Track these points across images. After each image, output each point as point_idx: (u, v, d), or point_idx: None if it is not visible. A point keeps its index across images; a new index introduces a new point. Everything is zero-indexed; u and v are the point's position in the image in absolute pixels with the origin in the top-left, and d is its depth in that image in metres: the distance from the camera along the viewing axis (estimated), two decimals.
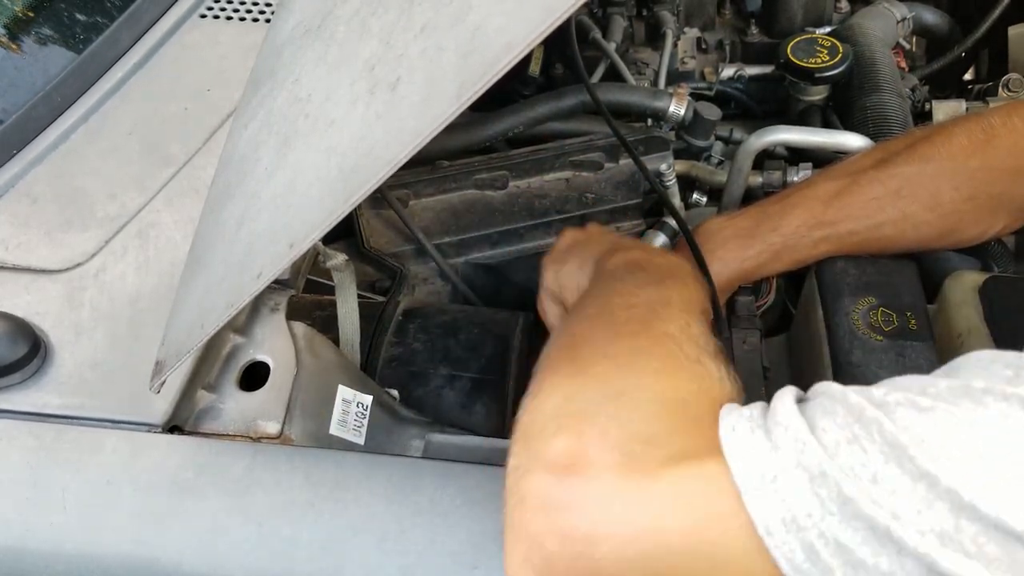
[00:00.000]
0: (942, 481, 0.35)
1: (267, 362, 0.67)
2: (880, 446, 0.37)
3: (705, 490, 0.40)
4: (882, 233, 0.74)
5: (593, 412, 0.45)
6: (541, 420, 0.46)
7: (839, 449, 0.38)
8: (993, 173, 0.72)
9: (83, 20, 1.01)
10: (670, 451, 0.42)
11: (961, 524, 0.35)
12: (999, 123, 0.72)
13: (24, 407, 0.65)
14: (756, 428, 0.41)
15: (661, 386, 0.47)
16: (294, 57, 0.67)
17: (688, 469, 0.41)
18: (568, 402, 0.46)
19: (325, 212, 0.48)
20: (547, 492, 0.42)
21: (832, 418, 0.39)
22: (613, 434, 0.43)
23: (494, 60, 0.41)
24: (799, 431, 0.39)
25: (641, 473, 0.41)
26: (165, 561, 0.58)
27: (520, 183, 0.96)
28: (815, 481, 0.37)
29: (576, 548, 0.41)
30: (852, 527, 0.36)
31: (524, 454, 0.45)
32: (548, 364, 0.53)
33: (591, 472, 0.41)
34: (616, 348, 0.51)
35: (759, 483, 0.39)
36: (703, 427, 0.43)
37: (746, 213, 0.80)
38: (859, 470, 0.37)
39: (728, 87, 1.20)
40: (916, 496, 0.35)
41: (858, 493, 0.36)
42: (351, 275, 0.71)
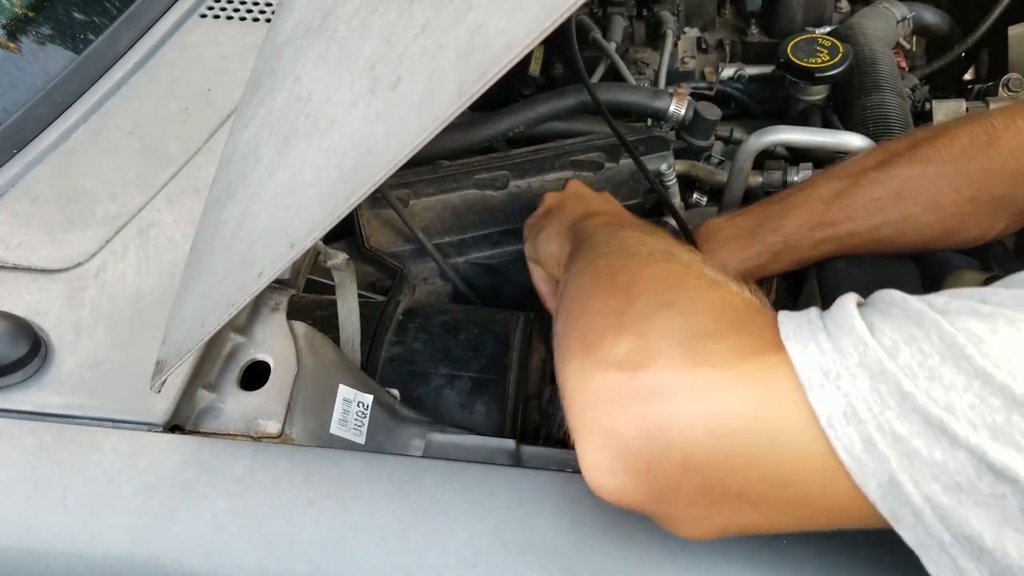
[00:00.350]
0: (996, 378, 0.37)
1: (268, 361, 0.67)
2: (938, 347, 0.39)
3: (770, 381, 0.42)
4: (883, 234, 0.74)
5: (651, 317, 0.46)
6: (599, 328, 0.47)
7: (898, 349, 0.39)
8: (995, 175, 0.72)
9: (83, 20, 1.01)
10: (732, 345, 0.44)
11: (1013, 419, 0.36)
12: (1001, 125, 0.72)
13: (25, 406, 0.65)
14: (817, 331, 0.42)
15: (710, 296, 0.48)
16: (294, 56, 0.67)
17: (752, 362, 0.43)
18: (622, 314, 0.48)
19: (326, 211, 0.48)
20: (621, 386, 0.44)
21: (891, 321, 0.41)
22: (675, 333, 0.45)
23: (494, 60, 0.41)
24: (861, 333, 0.41)
25: (707, 365, 0.43)
26: (165, 560, 0.58)
27: (520, 183, 0.96)
28: (875, 378, 0.39)
29: (651, 431, 0.43)
30: (909, 420, 0.38)
31: (585, 357, 0.47)
32: (580, 294, 0.53)
33: (658, 366, 0.44)
34: (653, 270, 0.52)
35: (822, 379, 0.40)
36: (759, 327, 0.45)
37: (747, 213, 0.80)
38: (916, 368, 0.39)
39: (728, 87, 1.21)
40: (971, 392, 0.37)
41: (915, 389, 0.38)
42: (352, 275, 0.71)
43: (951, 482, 0.37)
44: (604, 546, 0.55)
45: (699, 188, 1.05)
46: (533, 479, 0.59)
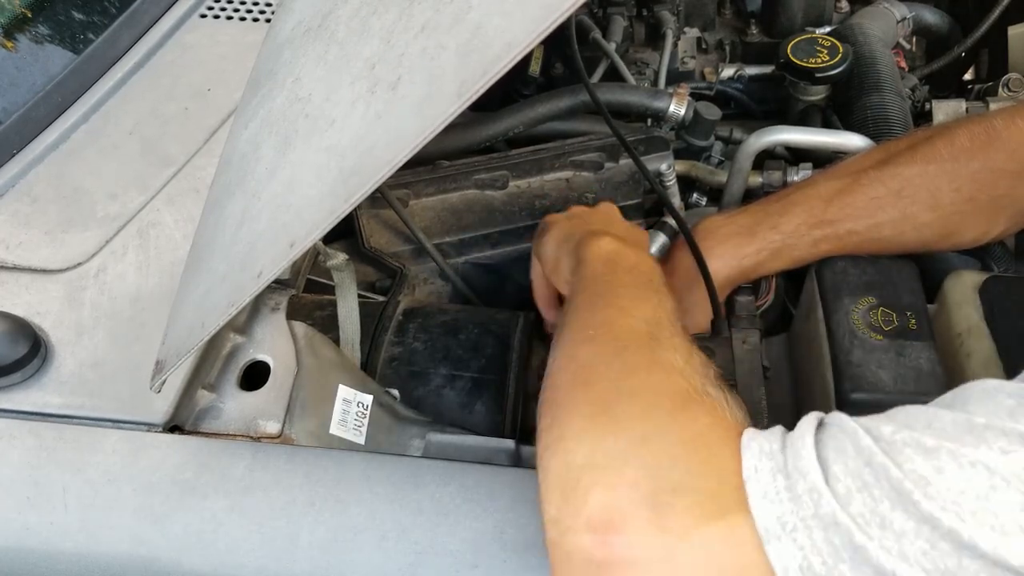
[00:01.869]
0: (944, 522, 0.37)
1: (267, 362, 0.67)
2: (887, 492, 0.39)
3: (732, 543, 0.43)
4: (882, 233, 0.74)
5: (621, 462, 0.48)
6: (574, 472, 0.49)
7: (851, 497, 0.40)
8: (994, 175, 0.72)
9: (83, 20, 1.01)
10: (696, 499, 0.45)
11: (963, 563, 0.37)
12: (1001, 125, 0.72)
13: (25, 407, 0.65)
14: (777, 472, 0.43)
15: (678, 425, 0.49)
16: (294, 57, 0.67)
17: (715, 524, 0.44)
18: (596, 450, 0.49)
19: (325, 212, 0.48)
20: (590, 552, 0.46)
21: (844, 462, 0.42)
22: (643, 486, 0.46)
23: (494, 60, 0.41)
24: (816, 482, 0.41)
25: (673, 531, 0.44)
26: (165, 560, 0.58)
27: (520, 183, 0.96)
28: (829, 530, 0.40)
29: None
30: (861, 572, 0.39)
31: (562, 508, 0.48)
32: (563, 400, 0.54)
33: (627, 530, 0.45)
34: (630, 384, 0.53)
35: (779, 532, 0.41)
36: (723, 461, 0.46)
37: (746, 211, 0.80)
38: (869, 517, 0.39)
39: (728, 87, 1.21)
40: (921, 538, 0.38)
41: (867, 540, 0.39)
42: (351, 275, 0.71)
43: None
44: None
45: (699, 188, 1.05)
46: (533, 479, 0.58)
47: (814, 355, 0.75)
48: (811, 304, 0.77)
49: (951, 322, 0.72)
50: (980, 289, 0.72)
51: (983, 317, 0.70)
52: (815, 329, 0.75)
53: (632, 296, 0.61)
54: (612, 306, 0.60)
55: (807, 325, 0.79)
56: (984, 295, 0.72)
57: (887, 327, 0.70)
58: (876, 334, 0.69)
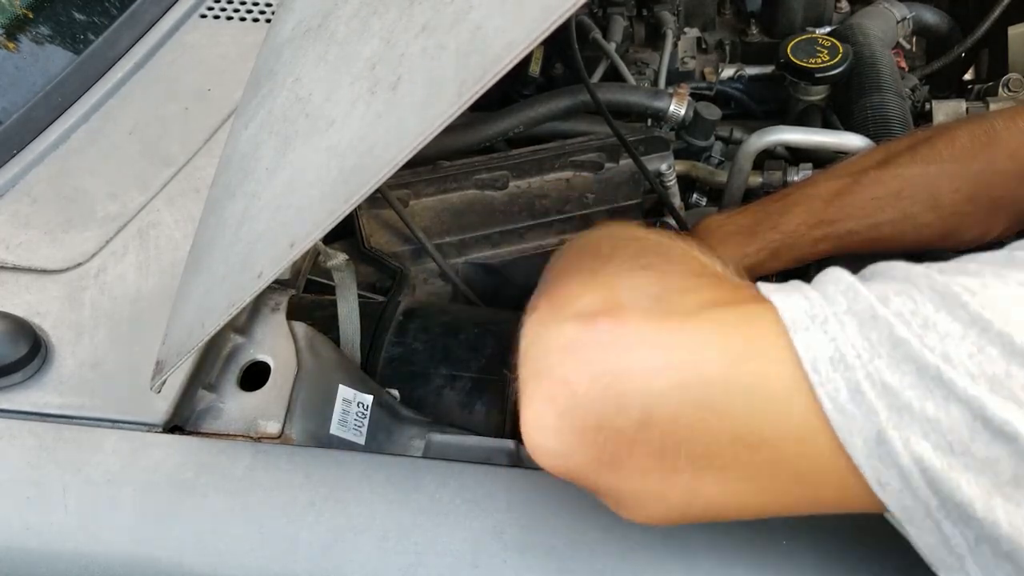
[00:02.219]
0: (995, 325, 0.35)
1: (268, 362, 0.67)
2: (930, 295, 0.36)
3: (748, 326, 0.39)
4: (882, 233, 0.74)
5: (624, 274, 0.43)
6: (566, 285, 0.44)
7: (889, 298, 0.37)
8: (994, 175, 0.72)
9: (83, 20, 1.01)
10: (709, 297, 0.40)
11: (1012, 370, 0.34)
12: (1002, 126, 0.72)
13: (25, 407, 0.65)
14: (802, 286, 0.40)
15: (691, 264, 0.45)
16: (294, 57, 0.67)
17: (729, 310, 0.40)
18: (595, 272, 0.44)
19: (325, 212, 0.48)
20: (576, 336, 0.40)
21: (878, 279, 0.39)
22: (648, 287, 0.41)
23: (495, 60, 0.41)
24: (850, 283, 0.38)
25: (677, 315, 0.39)
26: (166, 561, 0.58)
27: (520, 183, 0.96)
28: (865, 324, 0.37)
29: (605, 381, 0.39)
30: (901, 370, 0.36)
31: (546, 313, 0.43)
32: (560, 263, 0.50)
33: (623, 314, 0.40)
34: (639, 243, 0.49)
35: (808, 322, 0.38)
36: (739, 285, 0.42)
37: (746, 211, 0.80)
38: (909, 316, 0.36)
39: (728, 87, 1.21)
40: (968, 340, 0.35)
41: (910, 335, 0.35)
42: (352, 275, 0.71)
43: (943, 442, 0.35)
44: (603, 546, 0.55)
45: (699, 188, 1.05)
46: (533, 479, 0.59)
47: None
48: None
49: None
50: None
51: None
52: None
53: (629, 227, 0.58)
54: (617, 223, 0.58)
55: None
56: None
57: None
58: None
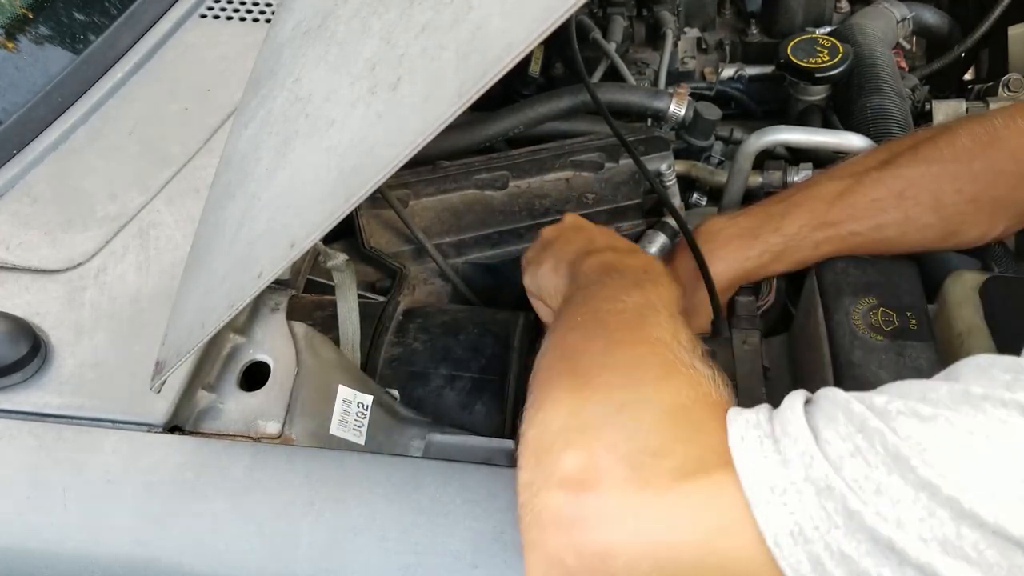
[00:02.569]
0: (943, 490, 0.36)
1: (267, 362, 0.67)
2: (883, 458, 0.38)
3: (716, 502, 0.41)
4: (884, 234, 0.74)
5: (599, 425, 0.46)
6: (549, 436, 0.47)
7: (843, 462, 0.38)
8: (996, 176, 0.72)
9: (83, 20, 1.01)
10: (678, 462, 0.43)
11: (962, 531, 0.35)
12: (1002, 125, 0.72)
13: (24, 407, 0.65)
14: (764, 438, 0.41)
15: (661, 395, 0.47)
16: (294, 57, 0.67)
17: (698, 482, 0.42)
18: (574, 416, 0.47)
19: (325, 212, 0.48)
20: (561, 509, 0.43)
21: (835, 428, 0.40)
22: (621, 447, 0.44)
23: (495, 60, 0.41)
24: (807, 444, 0.40)
25: (652, 487, 0.42)
26: (166, 561, 0.58)
27: (520, 183, 0.96)
28: (821, 495, 0.38)
29: (593, 562, 0.42)
30: (856, 539, 0.37)
31: (535, 470, 0.46)
32: (546, 377, 0.53)
33: (602, 488, 0.42)
34: (614, 358, 0.51)
35: (768, 495, 0.39)
36: (707, 433, 0.44)
37: (748, 213, 0.80)
38: (863, 482, 0.38)
39: (728, 87, 1.21)
40: (918, 505, 0.36)
41: (862, 506, 0.37)
42: (351, 275, 0.71)
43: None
44: None
45: (699, 188, 1.05)
46: None
47: (814, 356, 0.75)
48: (811, 304, 0.77)
49: (951, 322, 0.72)
50: (980, 289, 0.72)
51: (983, 317, 0.70)
52: (815, 329, 0.75)
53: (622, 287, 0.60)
54: (600, 297, 0.60)
55: (807, 325, 0.79)
56: (984, 295, 0.72)
57: (887, 327, 0.70)
58: (876, 334, 0.69)
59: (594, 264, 0.67)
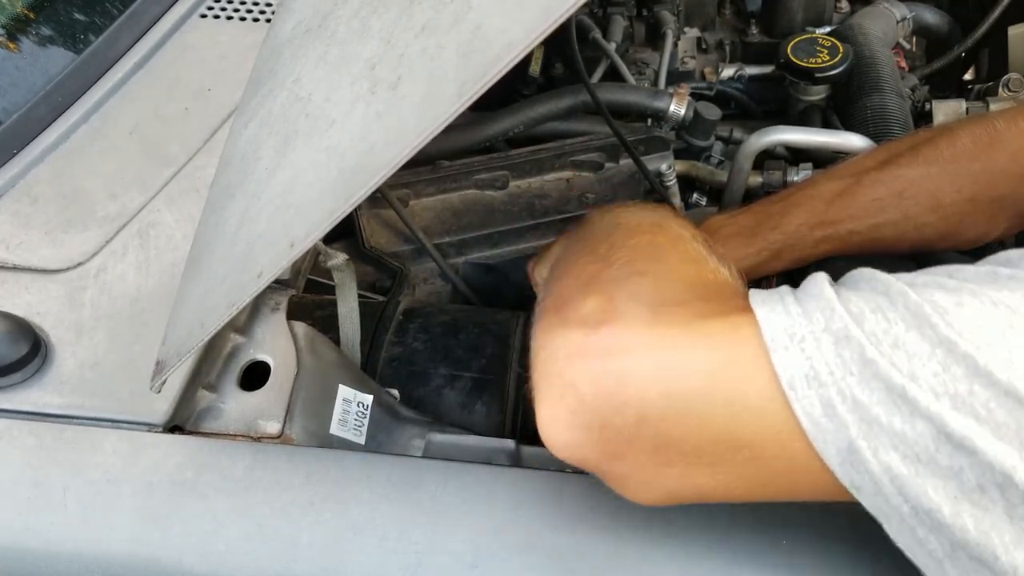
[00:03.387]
0: (960, 346, 0.37)
1: (268, 362, 0.67)
2: (903, 314, 0.39)
3: (732, 340, 0.42)
4: (883, 233, 0.75)
5: (622, 281, 0.47)
6: (569, 291, 0.48)
7: (864, 316, 0.40)
8: (996, 176, 0.72)
9: (83, 20, 1.01)
10: (698, 309, 0.44)
11: (975, 389, 0.36)
12: (1003, 126, 0.72)
13: (25, 407, 0.65)
14: (786, 295, 0.43)
15: (685, 270, 0.49)
16: (294, 57, 0.67)
17: (716, 323, 0.43)
18: (594, 277, 0.48)
19: (325, 212, 0.48)
20: (579, 342, 0.44)
21: (859, 292, 0.41)
22: (643, 296, 0.45)
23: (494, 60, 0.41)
24: (829, 299, 0.41)
25: (670, 325, 0.43)
26: (166, 561, 0.58)
27: (520, 183, 0.96)
28: (840, 343, 0.39)
29: (607, 387, 0.43)
30: (870, 387, 0.38)
31: (554, 317, 0.47)
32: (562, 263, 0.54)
33: (621, 323, 0.43)
34: (635, 241, 0.52)
35: (787, 341, 0.40)
36: (728, 296, 0.45)
37: (748, 211, 0.80)
38: (882, 336, 0.39)
39: (728, 87, 1.21)
40: (934, 360, 0.37)
41: (878, 356, 0.38)
42: (352, 275, 0.71)
43: (909, 452, 0.37)
44: (604, 546, 0.55)
45: (699, 188, 1.05)
46: (533, 479, 0.59)
47: None
48: None
49: None
50: None
51: None
52: None
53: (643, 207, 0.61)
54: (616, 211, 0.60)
55: None
56: None
57: None
58: None
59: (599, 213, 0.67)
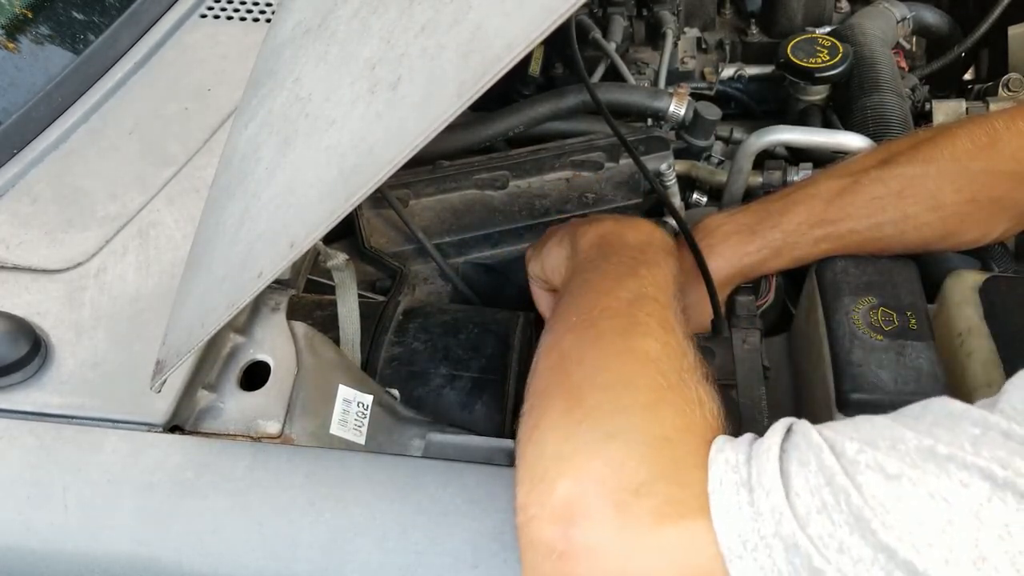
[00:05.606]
0: (899, 553, 0.38)
1: (268, 362, 0.67)
2: (846, 517, 0.40)
3: (691, 548, 0.45)
4: (883, 233, 0.74)
5: (589, 455, 0.49)
6: (544, 462, 0.50)
7: (810, 519, 0.41)
8: (995, 176, 0.72)
9: (83, 20, 1.01)
10: (658, 502, 0.46)
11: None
12: (1003, 127, 0.72)
13: (25, 407, 0.65)
14: (741, 487, 0.44)
15: (649, 425, 0.50)
16: (294, 57, 0.67)
17: (675, 526, 0.45)
18: (566, 442, 0.50)
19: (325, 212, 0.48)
20: (552, 541, 0.47)
21: (806, 477, 0.43)
22: (608, 482, 0.47)
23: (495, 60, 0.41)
24: (777, 499, 0.42)
25: (633, 527, 0.46)
26: (166, 561, 0.58)
27: (520, 183, 0.96)
28: (789, 551, 0.41)
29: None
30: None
31: (531, 496, 0.50)
32: (543, 387, 0.56)
33: (589, 524, 0.46)
34: (604, 377, 0.54)
35: (740, 550, 0.42)
36: (688, 471, 0.47)
37: (748, 210, 0.80)
38: (828, 540, 0.40)
39: (728, 87, 1.21)
40: (876, 566, 0.39)
41: (825, 564, 0.40)
42: (352, 275, 0.71)
43: None
44: None
45: (699, 188, 1.05)
46: None
47: (814, 355, 0.75)
48: (811, 304, 0.77)
49: (951, 322, 0.72)
50: (980, 289, 0.72)
51: (983, 317, 0.71)
52: (815, 329, 0.75)
53: (617, 275, 0.62)
54: (595, 289, 0.62)
55: (807, 325, 0.79)
56: (984, 295, 0.72)
57: (887, 327, 0.70)
58: (876, 334, 0.69)
59: (593, 237, 0.69)
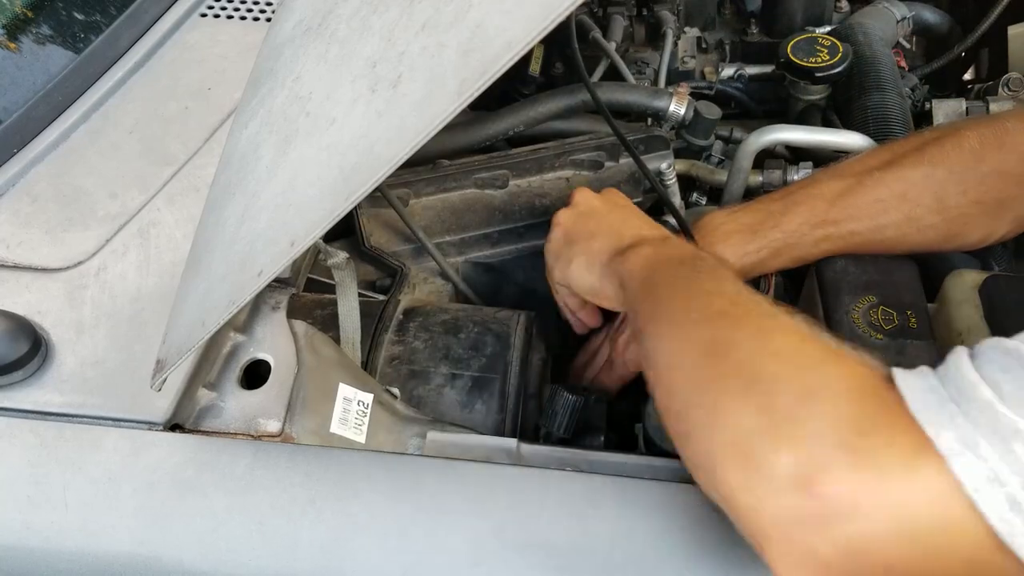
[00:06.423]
0: None
1: (268, 360, 0.67)
2: None
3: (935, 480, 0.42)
4: (885, 235, 0.74)
5: (795, 417, 0.47)
6: (747, 439, 0.47)
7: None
8: (1003, 178, 0.72)
9: (83, 20, 1.01)
10: (886, 437, 0.44)
11: None
12: (1014, 127, 0.72)
13: (25, 405, 0.65)
14: (946, 402, 0.44)
15: (836, 377, 0.48)
16: (295, 56, 0.67)
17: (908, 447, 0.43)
18: (763, 414, 0.48)
19: (326, 210, 0.48)
20: (800, 508, 0.44)
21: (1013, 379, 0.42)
22: (828, 436, 0.45)
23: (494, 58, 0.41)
24: (991, 402, 0.42)
25: (872, 459, 0.44)
26: (166, 559, 0.58)
27: (520, 182, 0.96)
28: (1010, 440, 0.41)
29: (852, 551, 0.44)
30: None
31: (751, 475, 0.47)
32: (696, 380, 0.53)
33: (832, 479, 0.44)
34: (772, 345, 0.52)
35: (960, 449, 0.42)
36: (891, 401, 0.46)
37: (748, 209, 0.80)
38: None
39: (728, 87, 1.21)
40: None
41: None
42: (352, 273, 0.71)
43: None
44: (604, 545, 0.55)
45: (699, 187, 1.05)
46: (533, 478, 0.59)
47: None
48: (811, 303, 0.77)
49: (951, 321, 0.72)
50: (980, 288, 0.72)
51: (983, 316, 0.70)
52: None
53: (703, 279, 0.60)
54: (691, 292, 0.59)
55: None
56: (984, 294, 0.72)
57: (887, 326, 0.70)
58: (876, 333, 0.69)
59: (637, 264, 0.67)
